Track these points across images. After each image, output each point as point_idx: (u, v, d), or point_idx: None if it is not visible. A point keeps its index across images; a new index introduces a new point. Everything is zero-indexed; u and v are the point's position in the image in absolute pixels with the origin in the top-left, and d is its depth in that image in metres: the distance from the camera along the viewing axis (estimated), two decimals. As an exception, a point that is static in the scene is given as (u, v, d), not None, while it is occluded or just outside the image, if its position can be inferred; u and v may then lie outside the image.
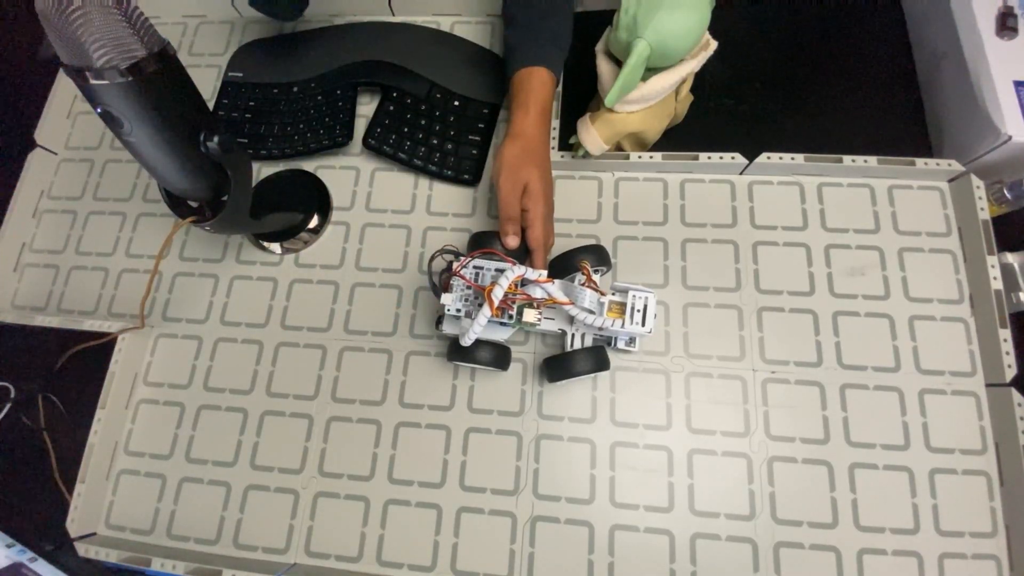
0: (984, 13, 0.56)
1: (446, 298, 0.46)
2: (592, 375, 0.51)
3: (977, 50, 0.55)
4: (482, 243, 0.50)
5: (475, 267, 0.47)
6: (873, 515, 0.47)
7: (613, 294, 0.46)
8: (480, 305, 0.45)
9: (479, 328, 0.43)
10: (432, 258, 0.48)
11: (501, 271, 0.46)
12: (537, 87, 0.51)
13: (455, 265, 0.47)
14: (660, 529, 0.48)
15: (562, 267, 0.50)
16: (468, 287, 0.47)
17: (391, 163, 0.61)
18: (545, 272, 0.45)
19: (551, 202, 0.52)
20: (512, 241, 0.49)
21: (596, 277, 0.49)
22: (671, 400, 0.51)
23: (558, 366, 0.48)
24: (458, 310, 0.47)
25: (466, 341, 0.45)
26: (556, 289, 0.45)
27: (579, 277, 0.49)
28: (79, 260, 0.64)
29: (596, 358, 0.48)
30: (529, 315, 0.47)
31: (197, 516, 0.53)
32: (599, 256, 0.50)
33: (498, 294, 0.43)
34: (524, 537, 0.49)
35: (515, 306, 0.46)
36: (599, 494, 0.50)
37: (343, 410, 0.54)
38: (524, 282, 0.45)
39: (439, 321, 0.51)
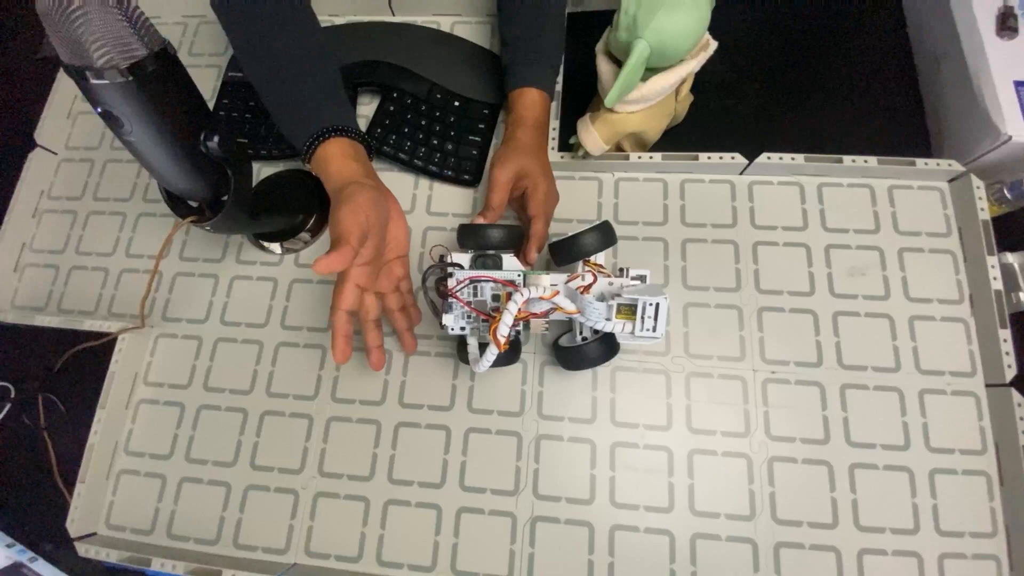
0: (984, 13, 0.56)
1: (447, 319, 0.45)
2: (598, 367, 0.51)
3: (977, 50, 0.55)
4: (471, 236, 0.47)
5: (472, 281, 0.46)
6: (873, 515, 0.47)
7: (621, 296, 0.43)
8: (484, 322, 0.45)
9: (488, 364, 0.42)
10: (424, 277, 0.47)
11: (502, 284, 0.45)
12: (529, 106, 0.54)
13: (449, 284, 0.45)
14: (660, 529, 0.48)
15: (566, 252, 0.48)
16: (468, 303, 0.46)
17: (391, 163, 0.61)
18: (548, 283, 0.43)
19: (554, 190, 0.53)
20: (478, 219, 0.50)
21: (602, 259, 0.48)
22: (671, 400, 0.51)
23: (574, 357, 0.48)
24: (462, 328, 0.46)
25: (478, 370, 0.43)
26: (562, 299, 0.43)
27: (584, 277, 0.48)
28: (79, 260, 0.64)
29: (609, 346, 0.48)
30: (536, 326, 0.47)
31: (197, 516, 0.53)
32: (605, 235, 0.47)
33: (503, 332, 0.40)
34: (524, 537, 0.49)
35: (520, 323, 0.45)
36: (599, 494, 0.50)
37: (343, 410, 0.54)
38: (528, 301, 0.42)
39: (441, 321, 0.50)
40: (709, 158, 0.56)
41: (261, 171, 0.64)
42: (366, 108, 0.65)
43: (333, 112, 0.50)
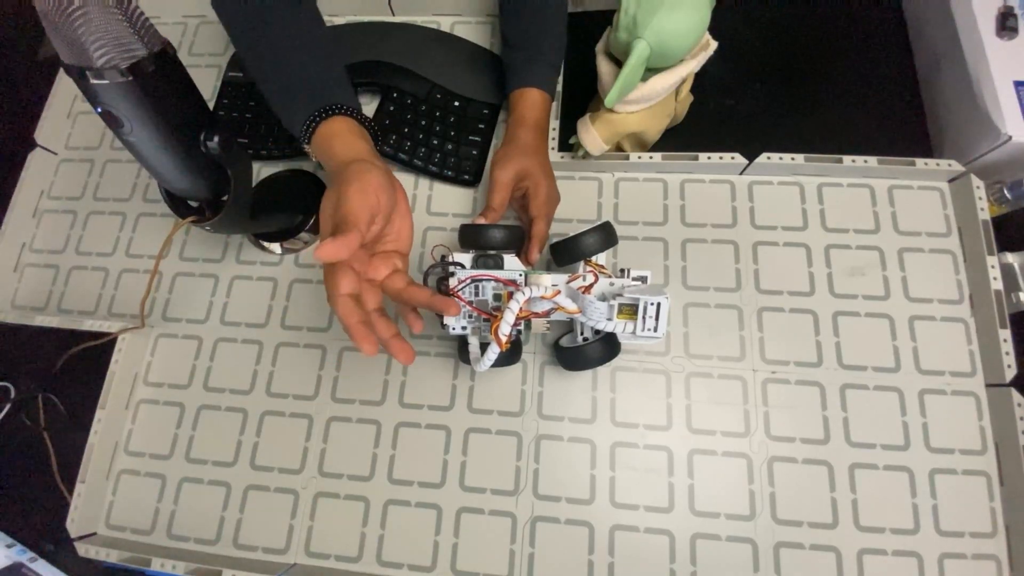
0: (984, 13, 0.56)
1: (448, 319, 0.45)
2: (598, 367, 0.51)
3: (977, 50, 0.55)
4: (472, 237, 0.47)
5: (474, 280, 0.46)
6: (873, 515, 0.47)
7: (622, 296, 0.43)
8: (486, 321, 0.45)
9: (489, 363, 0.42)
10: (426, 276, 0.46)
11: (502, 284, 0.45)
12: (530, 106, 0.54)
13: (451, 283, 0.45)
14: (660, 529, 0.48)
15: (567, 252, 0.48)
16: (469, 302, 0.46)
17: (391, 163, 0.61)
18: (549, 283, 0.42)
19: (555, 190, 0.53)
20: (480, 220, 0.49)
21: (603, 259, 0.48)
22: (671, 400, 0.51)
23: (575, 358, 0.48)
24: (463, 327, 0.46)
25: (480, 369, 0.43)
26: (564, 299, 0.43)
27: (585, 278, 0.47)
28: (79, 260, 0.64)
29: (610, 346, 0.48)
30: (538, 326, 0.47)
31: (197, 516, 0.53)
32: (607, 236, 0.47)
33: (505, 331, 0.40)
34: (524, 537, 0.49)
35: (522, 323, 0.45)
36: (599, 494, 0.50)
37: (343, 410, 0.54)
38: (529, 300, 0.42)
39: (442, 319, 0.50)
40: (709, 158, 0.56)
41: (261, 171, 0.64)
42: (366, 108, 0.64)
43: (338, 93, 0.46)
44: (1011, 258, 0.52)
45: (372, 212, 0.37)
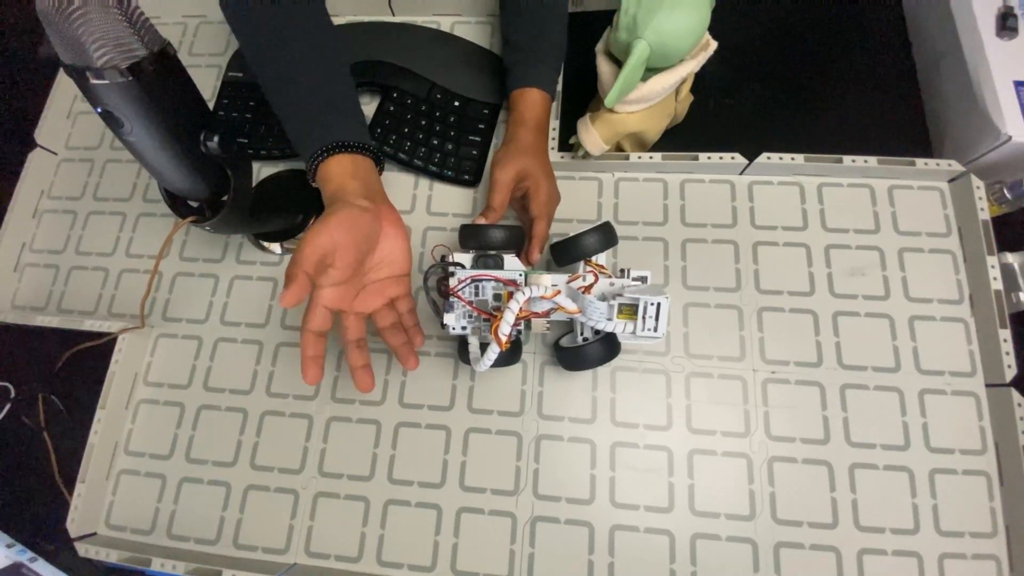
0: (984, 13, 0.56)
1: (448, 318, 0.45)
2: (598, 367, 0.51)
3: (977, 50, 0.55)
4: (472, 237, 0.47)
5: (474, 280, 0.46)
6: (873, 515, 0.47)
7: (622, 296, 0.43)
8: (486, 321, 0.45)
9: (489, 363, 0.42)
10: (426, 276, 0.46)
11: (502, 283, 0.45)
12: (530, 106, 0.54)
13: (451, 283, 0.45)
14: (660, 529, 0.48)
15: (567, 252, 0.47)
16: (469, 302, 0.46)
17: (391, 163, 0.61)
18: (549, 283, 0.42)
19: (555, 190, 0.53)
20: (480, 220, 0.49)
21: (603, 260, 0.48)
22: (671, 400, 0.51)
23: (575, 358, 0.48)
24: (463, 327, 0.46)
25: (480, 369, 0.43)
26: (564, 299, 0.43)
27: (585, 278, 0.48)
28: (79, 260, 0.64)
29: (610, 346, 0.48)
30: (538, 325, 0.47)
31: (197, 516, 0.53)
32: (607, 236, 0.47)
33: (505, 331, 0.40)
34: (524, 537, 0.49)
35: (522, 323, 0.45)
36: (599, 494, 0.50)
37: (343, 410, 0.54)
38: (529, 300, 0.42)
39: (442, 320, 0.50)
40: (709, 158, 0.56)
41: (261, 171, 0.64)
42: (366, 108, 0.64)
43: (337, 126, 0.47)
44: (1011, 258, 0.52)
45: (323, 251, 0.39)
